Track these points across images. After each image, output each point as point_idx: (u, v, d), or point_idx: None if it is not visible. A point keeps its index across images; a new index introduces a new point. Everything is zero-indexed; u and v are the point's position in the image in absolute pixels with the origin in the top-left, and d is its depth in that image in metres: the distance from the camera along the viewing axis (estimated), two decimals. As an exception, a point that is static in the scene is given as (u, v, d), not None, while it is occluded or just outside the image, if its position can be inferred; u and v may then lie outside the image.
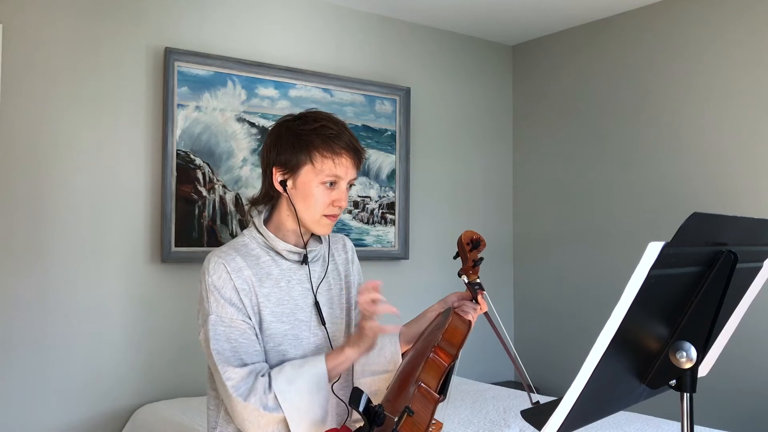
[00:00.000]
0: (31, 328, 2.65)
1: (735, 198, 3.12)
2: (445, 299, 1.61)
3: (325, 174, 1.52)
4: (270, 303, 1.54)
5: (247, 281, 1.52)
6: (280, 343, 1.53)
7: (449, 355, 1.32)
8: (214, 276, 1.51)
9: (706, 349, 1.18)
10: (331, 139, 1.52)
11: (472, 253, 1.57)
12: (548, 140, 3.96)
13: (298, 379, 1.44)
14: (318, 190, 1.53)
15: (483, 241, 1.59)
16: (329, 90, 3.39)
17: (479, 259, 1.57)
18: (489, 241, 3.99)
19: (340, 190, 1.55)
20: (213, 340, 1.47)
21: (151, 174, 2.92)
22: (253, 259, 1.56)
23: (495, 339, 4.28)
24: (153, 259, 2.92)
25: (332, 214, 1.55)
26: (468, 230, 1.61)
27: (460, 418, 2.57)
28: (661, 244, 0.93)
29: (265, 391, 1.43)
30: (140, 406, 2.83)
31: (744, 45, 3.12)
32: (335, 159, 1.52)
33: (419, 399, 1.22)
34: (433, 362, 1.29)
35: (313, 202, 1.53)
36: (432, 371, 1.28)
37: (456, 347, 1.34)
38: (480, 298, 1.54)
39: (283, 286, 1.57)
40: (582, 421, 1.06)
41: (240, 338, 1.48)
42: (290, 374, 1.44)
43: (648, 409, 2.60)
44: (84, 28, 2.79)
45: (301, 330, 1.56)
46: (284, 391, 1.42)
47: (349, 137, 1.55)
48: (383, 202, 3.55)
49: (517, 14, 3.65)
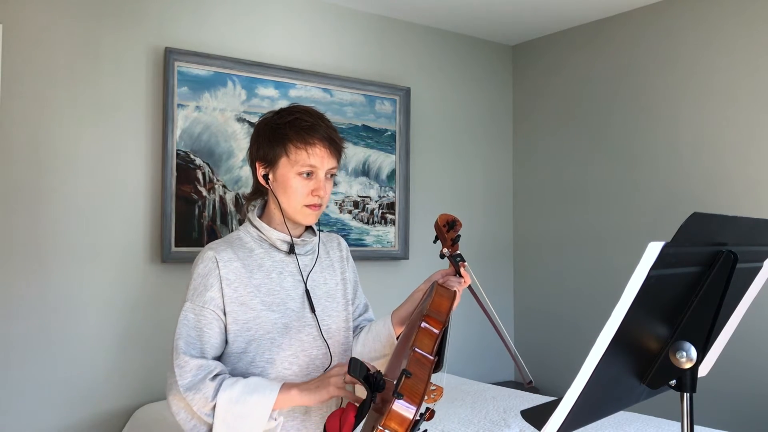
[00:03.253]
0: (31, 328, 2.66)
1: (735, 198, 3.12)
2: (430, 278, 1.65)
3: (300, 165, 1.55)
4: (260, 293, 1.57)
5: (235, 272, 1.55)
6: (269, 331, 1.56)
7: (439, 322, 1.37)
8: (201, 266, 1.56)
9: (706, 349, 1.18)
10: (304, 131, 1.56)
11: (449, 233, 1.64)
12: (548, 140, 3.96)
13: (241, 405, 1.45)
14: (296, 181, 1.56)
15: (459, 222, 1.66)
16: (329, 90, 3.39)
17: (457, 237, 1.63)
18: (489, 242, 4.01)
19: (318, 179, 1.58)
20: (180, 324, 1.53)
21: (151, 174, 2.92)
22: (246, 252, 1.60)
23: (494, 339, 4.26)
24: (153, 259, 2.92)
25: (313, 203, 1.58)
26: (442, 213, 1.67)
27: (460, 418, 2.57)
28: (661, 244, 0.93)
29: (208, 398, 1.46)
30: (140, 406, 2.83)
31: (743, 45, 3.12)
32: (308, 149, 1.55)
33: (414, 362, 1.27)
34: (425, 330, 1.35)
35: (292, 193, 1.57)
36: (425, 338, 1.34)
37: (444, 314, 1.40)
38: (463, 271, 1.59)
39: (275, 277, 1.60)
40: (582, 421, 1.06)
41: (205, 328, 1.53)
42: (238, 395, 1.46)
43: (648, 409, 2.60)
44: (84, 28, 2.79)
45: (291, 319, 1.59)
46: (224, 409, 1.46)
47: (325, 128, 1.58)
48: (383, 202, 3.55)
49: (517, 14, 3.65)
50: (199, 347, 1.52)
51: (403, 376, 1.22)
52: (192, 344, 1.52)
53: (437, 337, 1.34)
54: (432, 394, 1.29)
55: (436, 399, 1.32)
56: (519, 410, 2.09)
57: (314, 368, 1.60)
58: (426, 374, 1.25)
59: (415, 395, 1.21)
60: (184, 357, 1.50)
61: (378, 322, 1.71)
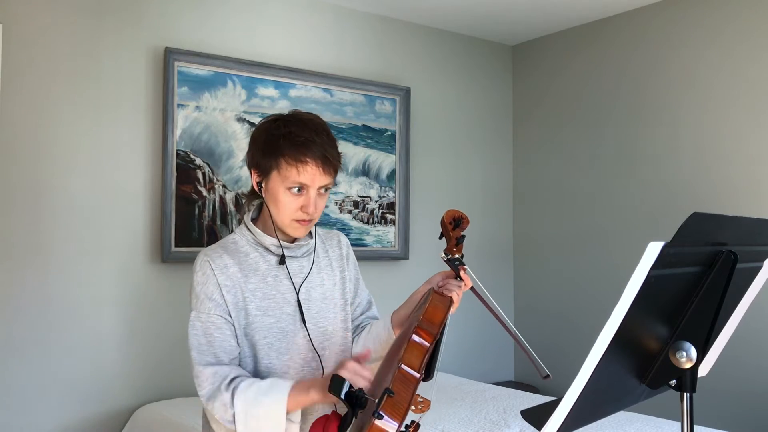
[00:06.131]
0: (31, 328, 2.66)
1: (735, 198, 3.12)
2: (430, 280, 1.62)
3: (290, 181, 1.52)
4: (256, 297, 1.56)
5: (232, 277, 1.55)
6: (266, 336, 1.56)
7: (430, 334, 1.33)
8: (198, 273, 1.56)
9: (706, 349, 1.18)
10: (296, 147, 1.51)
11: (455, 231, 1.59)
12: (548, 140, 3.96)
13: (256, 408, 1.45)
14: (285, 196, 1.54)
15: (466, 219, 1.60)
16: (329, 90, 3.39)
17: (461, 237, 1.58)
18: (489, 242, 4.01)
19: (308, 196, 1.54)
20: (191, 335, 1.52)
21: (151, 174, 2.92)
22: (242, 256, 1.59)
23: (494, 339, 4.26)
24: (153, 259, 2.92)
25: (302, 219, 1.55)
26: (450, 209, 1.62)
27: (460, 418, 2.57)
28: (661, 244, 0.93)
29: (225, 405, 1.46)
30: (140, 406, 2.83)
31: (744, 45, 3.12)
32: (299, 167, 1.51)
33: (399, 380, 1.24)
34: (415, 343, 1.31)
35: (281, 207, 1.55)
36: (415, 351, 1.30)
37: (437, 326, 1.35)
38: (463, 274, 1.55)
39: (270, 282, 1.59)
40: (582, 421, 1.06)
41: (215, 333, 1.52)
42: (252, 399, 1.46)
43: (648, 409, 2.60)
44: (84, 28, 2.79)
45: (287, 323, 1.58)
46: (241, 414, 1.46)
47: (320, 145, 1.53)
48: (383, 202, 3.55)
49: (517, 14, 3.65)
50: (212, 353, 1.51)
51: (385, 396, 1.19)
52: (203, 352, 1.51)
53: (427, 351, 1.31)
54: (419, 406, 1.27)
55: (423, 410, 1.30)
56: (519, 410, 2.09)
57: (309, 371, 1.60)
58: (409, 393, 1.22)
59: (397, 414, 1.18)
60: (198, 367, 1.50)
61: (378, 323, 1.70)
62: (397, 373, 1.25)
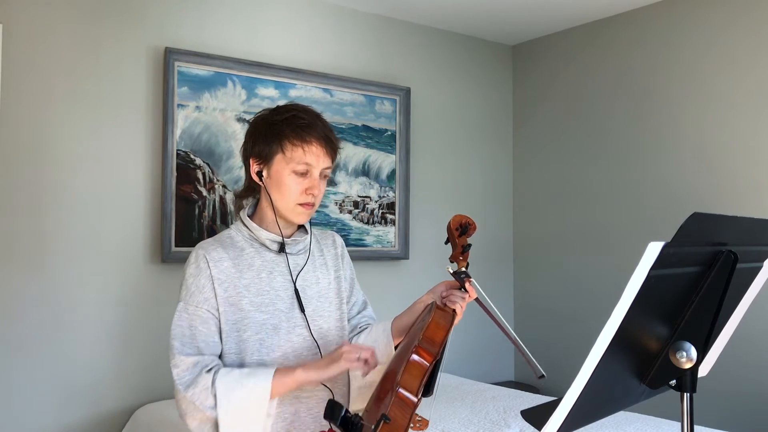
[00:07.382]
0: (31, 328, 2.66)
1: (735, 198, 3.12)
2: (434, 289, 1.62)
3: (295, 162, 1.55)
4: (249, 293, 1.57)
5: (226, 272, 1.56)
6: (258, 332, 1.56)
7: (431, 354, 1.30)
8: (192, 266, 1.56)
9: (706, 349, 1.18)
10: (301, 128, 1.55)
11: (461, 238, 1.56)
12: (548, 140, 3.96)
13: (239, 390, 1.45)
14: (290, 178, 1.56)
15: (473, 225, 1.58)
16: (329, 90, 3.39)
17: (467, 245, 1.56)
18: (489, 242, 4.01)
19: (312, 178, 1.57)
20: (175, 324, 1.53)
21: (151, 174, 2.92)
22: (237, 251, 1.59)
23: (494, 340, 4.26)
24: (153, 259, 2.92)
25: (306, 202, 1.57)
26: (457, 214, 1.59)
27: (460, 418, 2.57)
28: (661, 244, 0.93)
29: (206, 389, 1.46)
30: (140, 406, 2.83)
31: (744, 45, 3.12)
32: (305, 147, 1.55)
33: (397, 404, 1.22)
34: (415, 363, 1.28)
35: (286, 190, 1.56)
36: (414, 372, 1.27)
37: (438, 345, 1.33)
38: (468, 286, 1.53)
39: (264, 277, 1.59)
40: (582, 421, 1.06)
41: (201, 326, 1.53)
42: (234, 382, 1.46)
43: (648, 409, 2.60)
44: (84, 29, 2.79)
45: (280, 320, 1.58)
46: (223, 397, 1.45)
47: (322, 127, 1.58)
48: (383, 202, 3.55)
49: (517, 14, 3.65)
50: (195, 345, 1.52)
51: (381, 422, 1.18)
52: (186, 344, 1.52)
53: (426, 371, 1.29)
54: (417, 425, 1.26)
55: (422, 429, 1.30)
56: (519, 410, 2.09)
57: None
58: (407, 418, 1.21)
59: None
60: (179, 357, 1.50)
61: (378, 328, 1.68)
62: (395, 398, 1.23)
